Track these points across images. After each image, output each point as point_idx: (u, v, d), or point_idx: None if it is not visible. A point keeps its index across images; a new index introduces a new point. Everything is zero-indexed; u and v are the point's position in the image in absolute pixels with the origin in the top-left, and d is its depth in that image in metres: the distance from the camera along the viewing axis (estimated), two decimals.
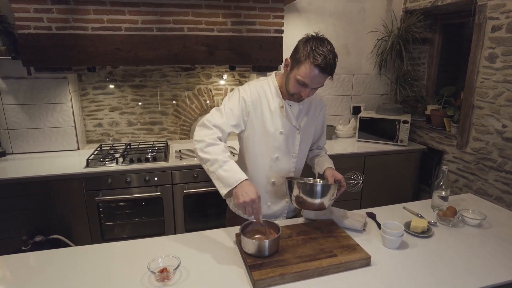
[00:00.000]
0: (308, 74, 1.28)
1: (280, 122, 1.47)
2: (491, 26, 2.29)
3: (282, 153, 1.51)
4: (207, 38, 2.39)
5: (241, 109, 1.42)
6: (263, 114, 1.45)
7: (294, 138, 1.52)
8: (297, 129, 1.51)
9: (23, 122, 2.55)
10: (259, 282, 1.08)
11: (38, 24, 2.14)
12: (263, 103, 1.45)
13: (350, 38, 3.10)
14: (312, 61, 1.25)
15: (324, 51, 1.26)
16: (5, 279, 1.15)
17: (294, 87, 1.35)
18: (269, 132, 1.47)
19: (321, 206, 1.37)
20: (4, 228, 2.19)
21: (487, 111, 2.38)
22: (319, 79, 1.30)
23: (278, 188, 1.56)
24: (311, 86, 1.33)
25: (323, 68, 1.26)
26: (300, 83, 1.32)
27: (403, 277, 1.15)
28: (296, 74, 1.32)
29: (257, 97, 1.45)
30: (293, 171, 1.57)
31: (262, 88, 1.47)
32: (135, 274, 1.16)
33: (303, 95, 1.35)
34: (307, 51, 1.27)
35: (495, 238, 1.40)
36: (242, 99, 1.42)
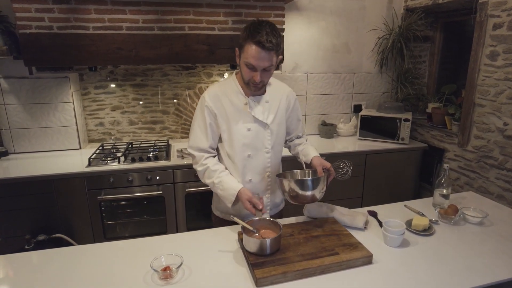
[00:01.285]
0: (251, 54, 1.29)
1: (246, 119, 1.47)
2: (492, 24, 2.29)
3: (254, 150, 1.51)
4: (208, 37, 2.40)
5: (209, 117, 1.47)
6: (227, 114, 1.47)
7: (264, 133, 1.51)
8: (265, 124, 1.50)
9: (25, 121, 2.56)
10: (261, 280, 1.09)
11: (40, 23, 2.14)
12: (226, 104, 1.47)
13: (351, 36, 3.10)
14: (252, 40, 1.28)
15: (261, 29, 1.28)
16: (8, 277, 1.16)
17: (246, 73, 1.37)
18: (236, 131, 1.47)
19: (313, 198, 1.39)
20: (7, 227, 2.20)
21: (488, 109, 2.38)
22: (264, 57, 1.30)
23: (256, 185, 1.55)
24: (259, 67, 1.32)
25: (264, 44, 1.27)
26: (249, 66, 1.33)
27: (404, 275, 1.15)
28: (243, 59, 1.34)
29: (218, 99, 1.47)
30: (269, 166, 1.56)
31: (224, 88, 1.49)
32: (138, 272, 1.17)
33: (256, 79, 1.35)
34: (246, 34, 1.31)
35: (497, 236, 1.40)
36: (206, 108, 1.47)
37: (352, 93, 3.25)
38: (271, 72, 1.39)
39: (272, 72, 1.41)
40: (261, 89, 1.46)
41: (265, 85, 1.46)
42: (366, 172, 2.82)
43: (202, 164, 1.50)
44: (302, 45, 2.96)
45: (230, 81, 1.51)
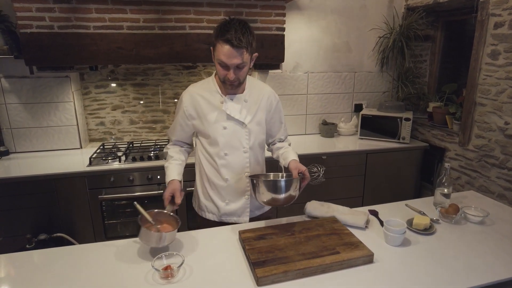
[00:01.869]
0: (222, 52, 1.31)
1: (222, 118, 1.48)
2: (493, 23, 2.29)
3: (231, 149, 1.51)
4: (209, 36, 2.39)
5: (183, 117, 1.54)
6: (205, 113, 1.49)
7: (241, 133, 1.51)
8: (242, 123, 1.49)
9: (26, 121, 2.56)
10: (262, 279, 1.09)
11: (40, 23, 2.14)
12: (202, 103, 1.49)
13: (351, 36, 3.09)
14: (221, 38, 1.30)
15: (230, 27, 1.29)
16: (9, 277, 1.16)
17: (220, 71, 1.38)
18: (213, 129, 1.48)
19: (286, 201, 1.35)
20: (8, 226, 2.20)
21: (489, 108, 2.37)
22: (234, 55, 1.30)
23: (233, 185, 1.55)
24: (231, 65, 1.33)
25: (232, 42, 1.28)
26: (222, 64, 1.35)
27: (405, 274, 1.15)
28: (216, 58, 1.36)
29: (195, 99, 1.50)
30: (248, 166, 1.55)
31: (202, 88, 1.52)
32: (139, 271, 1.17)
33: (230, 77, 1.36)
34: (216, 32, 1.33)
35: (498, 235, 1.40)
36: (182, 108, 1.52)
37: (353, 92, 3.25)
38: (245, 70, 1.39)
39: (247, 70, 1.41)
40: (238, 87, 1.45)
41: (241, 83, 1.45)
42: (367, 171, 2.82)
43: (167, 148, 1.65)
44: (303, 44, 2.96)
45: (208, 81, 1.55)
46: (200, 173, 1.62)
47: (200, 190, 1.64)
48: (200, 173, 1.63)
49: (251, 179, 1.41)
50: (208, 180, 1.58)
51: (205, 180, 1.59)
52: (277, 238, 1.31)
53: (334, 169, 2.74)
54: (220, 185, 1.55)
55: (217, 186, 1.56)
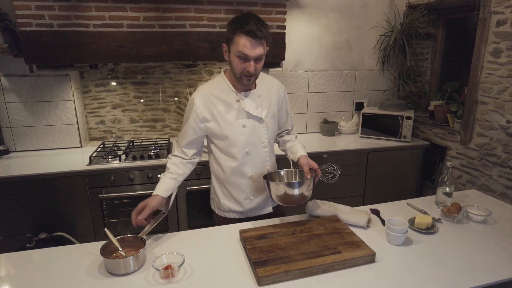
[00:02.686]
0: (243, 44, 1.29)
1: (240, 116, 1.46)
2: (495, 21, 2.27)
3: (252, 146, 1.50)
4: (209, 34, 2.38)
5: (195, 121, 1.45)
6: (220, 114, 1.45)
7: (259, 128, 1.50)
8: (260, 118, 1.49)
9: (26, 119, 2.56)
10: (263, 279, 1.08)
11: (40, 21, 2.13)
12: (217, 103, 1.45)
13: (352, 34, 3.08)
14: (241, 31, 1.28)
15: (248, 19, 1.29)
16: (10, 276, 1.16)
17: (238, 66, 1.35)
18: (232, 129, 1.46)
19: (300, 200, 1.38)
20: (8, 225, 2.20)
21: (491, 106, 2.36)
22: (255, 46, 1.30)
23: (257, 181, 1.55)
24: (251, 57, 1.31)
25: (254, 33, 1.27)
26: (242, 57, 1.32)
27: (407, 274, 1.14)
28: (234, 52, 1.33)
29: (209, 100, 1.44)
30: (268, 160, 1.56)
31: (214, 89, 1.47)
32: (139, 271, 1.16)
33: (250, 70, 1.33)
34: (233, 27, 1.31)
35: (500, 235, 1.39)
36: (194, 112, 1.44)
37: (354, 90, 3.24)
38: (262, 63, 1.38)
39: (263, 63, 1.40)
40: (254, 82, 1.44)
41: (257, 77, 1.44)
42: (368, 170, 2.81)
43: (169, 157, 1.57)
44: (304, 43, 2.95)
45: (219, 80, 1.49)
46: (218, 176, 1.58)
47: (220, 192, 1.59)
48: (217, 176, 1.59)
49: (265, 180, 1.40)
50: (229, 181, 1.54)
51: (226, 182, 1.55)
52: (278, 237, 1.31)
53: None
54: (243, 183, 1.54)
55: (240, 185, 1.54)
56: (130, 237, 1.28)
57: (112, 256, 1.20)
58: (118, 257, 1.18)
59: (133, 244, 1.26)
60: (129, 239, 1.27)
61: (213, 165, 1.60)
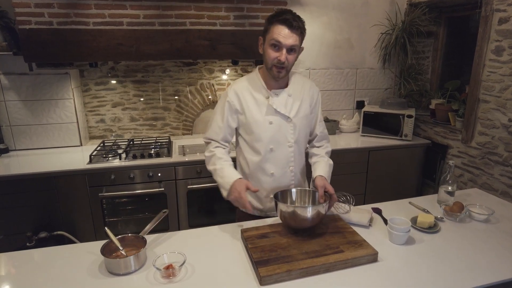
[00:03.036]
0: (277, 31, 1.34)
1: (268, 113, 1.49)
2: (498, 19, 2.26)
3: (276, 143, 1.51)
4: (210, 32, 2.37)
5: (229, 113, 1.51)
6: (250, 108, 1.49)
7: (286, 127, 1.51)
8: (288, 117, 1.50)
9: (26, 118, 2.55)
10: (265, 278, 1.08)
11: (39, 19, 2.12)
12: (248, 98, 1.49)
13: (353, 32, 3.07)
14: (277, 19, 1.34)
15: (285, 11, 1.36)
16: (10, 275, 1.15)
17: (271, 55, 1.38)
18: (259, 124, 1.48)
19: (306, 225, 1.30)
20: (8, 224, 2.19)
21: (493, 105, 2.35)
22: (290, 35, 1.34)
23: (278, 179, 1.56)
24: (284, 45, 1.34)
25: (290, 22, 1.32)
26: (275, 45, 1.36)
27: (410, 273, 1.14)
28: (268, 41, 1.38)
29: (242, 94, 1.50)
30: (292, 160, 1.56)
31: (247, 84, 1.52)
32: (140, 270, 1.16)
33: (281, 59, 1.36)
34: (270, 18, 1.38)
35: (503, 234, 1.39)
36: (227, 103, 1.50)
37: (355, 89, 3.23)
38: (294, 56, 1.40)
39: (295, 58, 1.42)
40: (284, 75, 1.44)
41: (288, 71, 1.45)
42: (369, 168, 2.80)
43: (210, 151, 1.54)
44: (305, 41, 2.89)
45: (253, 76, 1.54)
46: (243, 170, 1.60)
47: None
48: (242, 170, 1.60)
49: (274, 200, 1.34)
50: (252, 177, 1.56)
51: (249, 177, 1.57)
52: (280, 236, 1.30)
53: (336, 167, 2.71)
54: (264, 180, 1.55)
55: (262, 181, 1.55)
56: (131, 236, 1.27)
57: (112, 256, 1.19)
58: (118, 257, 1.18)
59: (133, 244, 1.25)
60: (130, 238, 1.26)
61: (240, 158, 1.62)
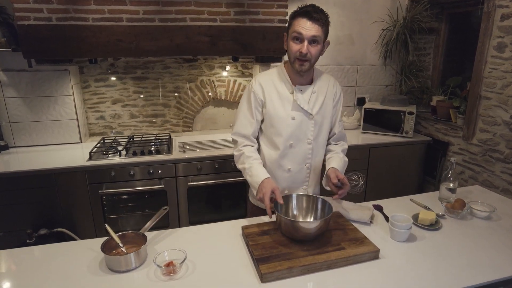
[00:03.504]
0: (298, 23, 1.35)
1: (291, 108, 1.49)
2: (500, 15, 2.24)
3: (296, 139, 1.52)
4: (210, 28, 2.35)
5: (255, 104, 1.51)
6: (273, 102, 1.49)
7: (307, 124, 1.51)
8: (310, 114, 1.50)
9: (25, 115, 2.53)
10: (266, 275, 1.07)
11: (38, 15, 2.10)
12: (272, 91, 1.49)
13: (354, 28, 3.05)
14: (298, 13, 1.37)
15: (308, 5, 1.38)
16: (11, 272, 1.14)
17: (293, 47, 1.38)
18: (281, 119, 1.48)
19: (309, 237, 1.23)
20: (8, 221, 2.18)
21: (494, 101, 2.34)
22: (311, 27, 1.34)
23: (294, 175, 1.56)
24: (305, 36, 1.34)
25: (310, 14, 1.34)
26: (297, 38, 1.37)
27: (411, 270, 1.13)
28: (291, 34, 1.39)
29: (266, 86, 1.50)
30: (310, 158, 1.56)
31: (271, 77, 1.52)
32: (141, 268, 1.15)
33: (303, 51, 1.35)
34: (293, 13, 1.40)
35: (504, 231, 1.38)
36: (253, 94, 1.50)
37: (356, 85, 3.21)
38: (317, 48, 1.39)
39: (319, 51, 1.41)
40: (308, 68, 1.42)
41: (312, 65, 1.43)
42: (370, 165, 2.80)
43: (239, 150, 1.53)
44: None
45: (278, 70, 1.54)
46: None
47: None
48: None
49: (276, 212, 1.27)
50: (269, 171, 1.52)
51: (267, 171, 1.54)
52: (281, 233, 1.29)
53: None
54: (281, 176, 1.56)
55: (278, 177, 1.56)
56: (131, 233, 1.26)
57: (113, 253, 1.19)
58: (119, 254, 1.17)
59: (134, 241, 1.25)
60: (130, 236, 1.26)
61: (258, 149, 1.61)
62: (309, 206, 1.39)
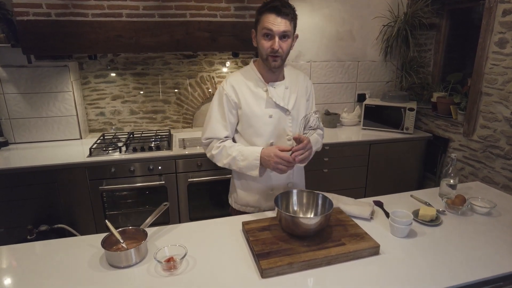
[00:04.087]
0: (267, 20, 1.33)
1: (267, 106, 1.47)
2: (502, 10, 2.23)
3: (276, 137, 1.51)
4: (210, 24, 2.34)
5: (228, 107, 1.47)
6: (248, 102, 1.46)
7: (285, 120, 1.50)
8: (286, 110, 1.49)
9: (25, 111, 2.53)
10: (267, 271, 1.07)
11: (37, 10, 2.09)
12: (245, 92, 1.47)
13: (355, 24, 3.03)
14: (266, 8, 1.33)
15: (274, 0, 1.34)
16: (12, 268, 1.15)
17: (264, 45, 1.37)
18: (258, 118, 1.46)
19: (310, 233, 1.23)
20: (9, 217, 2.19)
21: (495, 98, 2.33)
22: (280, 22, 1.32)
23: (277, 174, 1.53)
24: (276, 32, 1.32)
25: (278, 9, 1.31)
26: (267, 34, 1.35)
27: (412, 266, 1.13)
28: (260, 31, 1.37)
29: (238, 88, 1.47)
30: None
31: (243, 77, 1.49)
32: (141, 263, 1.15)
33: (274, 47, 1.34)
34: (260, 9, 1.37)
35: (504, 227, 1.38)
36: (225, 96, 1.46)
37: (356, 82, 3.20)
38: (288, 43, 1.38)
39: (289, 45, 1.39)
40: (280, 64, 1.41)
41: (284, 60, 1.42)
42: (370, 162, 2.80)
43: (217, 147, 1.48)
44: (306, 33, 2.90)
45: (248, 69, 1.52)
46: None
47: (240, 185, 1.59)
48: None
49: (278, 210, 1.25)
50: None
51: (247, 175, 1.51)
52: (281, 229, 1.29)
53: (337, 160, 2.72)
54: (264, 176, 1.52)
55: (261, 177, 1.51)
56: (132, 229, 1.26)
57: (113, 249, 1.19)
58: (119, 249, 1.17)
59: (134, 236, 1.25)
60: (131, 231, 1.26)
61: None
62: (310, 202, 1.39)
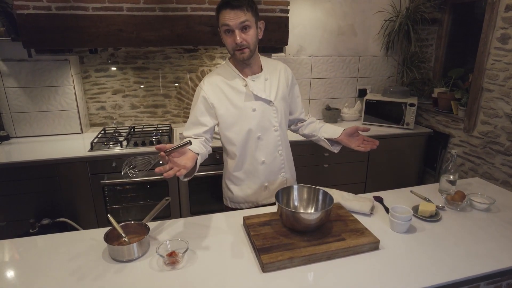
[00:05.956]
0: (223, 16, 1.33)
1: (249, 100, 1.47)
2: (504, 5, 2.22)
3: (263, 130, 1.51)
4: (211, 18, 2.33)
5: (206, 107, 1.46)
6: (229, 99, 1.46)
7: (269, 112, 1.50)
8: (269, 101, 1.49)
9: (26, 105, 2.53)
10: (268, 265, 1.08)
11: (37, 4, 2.07)
12: (225, 89, 1.46)
13: (357, 18, 3.02)
14: (220, 4, 1.34)
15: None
16: (14, 261, 1.16)
17: (227, 41, 1.37)
18: (242, 113, 1.46)
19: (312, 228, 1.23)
20: (11, 211, 2.20)
21: (496, 94, 2.33)
22: (234, 14, 1.31)
23: (270, 166, 1.56)
24: (233, 26, 1.32)
25: (229, 3, 1.30)
26: (227, 30, 1.35)
27: (411, 261, 1.15)
28: (221, 27, 1.36)
29: (217, 87, 1.46)
30: (280, 144, 1.56)
31: (221, 75, 1.48)
32: (143, 257, 1.17)
33: (236, 41, 1.34)
34: (217, 6, 1.36)
35: (503, 223, 1.39)
36: (202, 98, 1.45)
37: (357, 77, 3.20)
38: (252, 33, 1.36)
39: (254, 34, 1.38)
40: (249, 55, 1.39)
41: (252, 51, 1.39)
42: (370, 157, 2.80)
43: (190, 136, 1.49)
44: (307, 27, 2.89)
45: (225, 67, 1.51)
46: (230, 166, 1.57)
47: (233, 184, 1.60)
48: (229, 166, 1.58)
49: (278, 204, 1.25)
50: (243, 169, 1.54)
51: (241, 169, 1.54)
52: (282, 224, 1.30)
53: (337, 155, 2.70)
54: (256, 169, 1.54)
55: (253, 171, 1.55)
56: (134, 223, 1.28)
57: (115, 243, 1.20)
58: (122, 244, 1.18)
59: (136, 231, 1.26)
60: (133, 226, 1.27)
61: (226, 155, 1.60)
62: (310, 197, 1.40)
